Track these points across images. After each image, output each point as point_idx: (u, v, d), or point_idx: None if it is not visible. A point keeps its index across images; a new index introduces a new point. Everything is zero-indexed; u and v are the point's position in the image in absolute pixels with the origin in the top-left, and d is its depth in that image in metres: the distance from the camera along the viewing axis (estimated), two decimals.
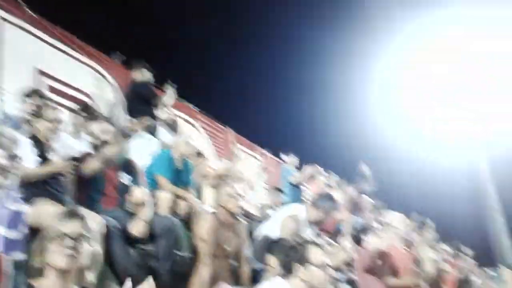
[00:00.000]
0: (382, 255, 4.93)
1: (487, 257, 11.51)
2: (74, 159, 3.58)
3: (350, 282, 5.62)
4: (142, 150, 4.89)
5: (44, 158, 3.32)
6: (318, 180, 7.74)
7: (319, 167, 7.88)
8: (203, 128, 8.59)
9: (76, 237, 1.94)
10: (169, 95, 6.06)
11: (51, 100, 4.69)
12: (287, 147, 8.45)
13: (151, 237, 3.53)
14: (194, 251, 3.73)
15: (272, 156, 10.95)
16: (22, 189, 2.89)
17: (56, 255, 1.89)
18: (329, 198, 4.80)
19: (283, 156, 8.46)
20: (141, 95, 6.00)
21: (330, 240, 5.98)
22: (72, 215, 2.02)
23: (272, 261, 3.44)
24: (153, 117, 5.86)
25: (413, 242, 6.43)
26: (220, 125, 9.29)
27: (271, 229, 4.38)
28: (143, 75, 6.20)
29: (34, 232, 2.55)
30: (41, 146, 3.34)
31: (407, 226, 6.93)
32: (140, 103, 5.95)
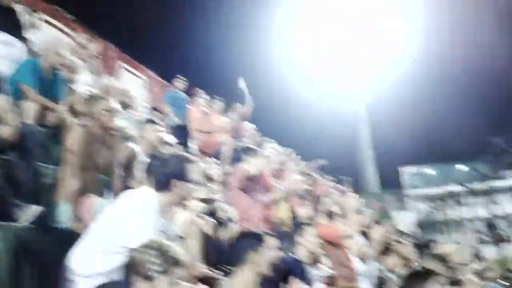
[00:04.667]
0: (254, 177, 5.25)
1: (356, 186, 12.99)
2: None
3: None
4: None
5: None
6: (197, 103, 7.85)
7: (200, 91, 7.98)
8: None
9: None
10: None
11: None
12: (180, 73, 8.34)
13: (14, 147, 3.32)
14: (62, 162, 3.61)
15: (158, 77, 10.75)
16: None
17: None
18: None
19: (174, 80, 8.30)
20: None
21: (209, 160, 6.20)
22: None
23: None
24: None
25: (283, 167, 6.96)
26: (100, 38, 8.71)
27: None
28: None
29: None
30: None
31: (281, 154, 7.51)
32: None
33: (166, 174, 2.54)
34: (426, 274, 3.11)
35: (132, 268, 1.91)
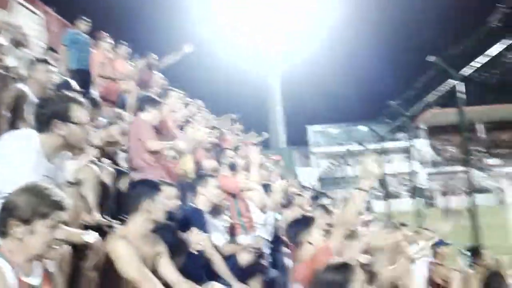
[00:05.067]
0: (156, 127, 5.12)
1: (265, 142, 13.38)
2: None
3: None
4: None
5: None
6: (101, 47, 7.41)
7: (105, 34, 7.52)
8: None
9: None
10: None
11: None
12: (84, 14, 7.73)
13: None
14: None
15: (58, 15, 9.92)
16: None
17: None
18: None
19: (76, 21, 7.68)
20: None
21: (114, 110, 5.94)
22: None
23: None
24: None
25: (191, 119, 6.89)
26: None
27: None
28: None
29: None
30: None
31: (190, 105, 7.44)
32: None
33: (47, 114, 2.37)
34: (309, 220, 3.45)
35: (9, 211, 1.80)
